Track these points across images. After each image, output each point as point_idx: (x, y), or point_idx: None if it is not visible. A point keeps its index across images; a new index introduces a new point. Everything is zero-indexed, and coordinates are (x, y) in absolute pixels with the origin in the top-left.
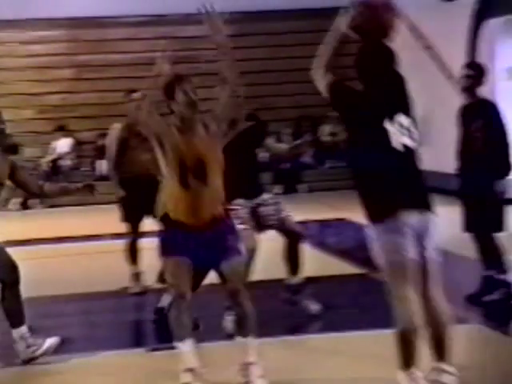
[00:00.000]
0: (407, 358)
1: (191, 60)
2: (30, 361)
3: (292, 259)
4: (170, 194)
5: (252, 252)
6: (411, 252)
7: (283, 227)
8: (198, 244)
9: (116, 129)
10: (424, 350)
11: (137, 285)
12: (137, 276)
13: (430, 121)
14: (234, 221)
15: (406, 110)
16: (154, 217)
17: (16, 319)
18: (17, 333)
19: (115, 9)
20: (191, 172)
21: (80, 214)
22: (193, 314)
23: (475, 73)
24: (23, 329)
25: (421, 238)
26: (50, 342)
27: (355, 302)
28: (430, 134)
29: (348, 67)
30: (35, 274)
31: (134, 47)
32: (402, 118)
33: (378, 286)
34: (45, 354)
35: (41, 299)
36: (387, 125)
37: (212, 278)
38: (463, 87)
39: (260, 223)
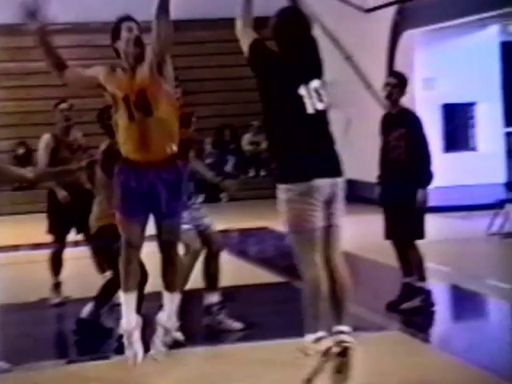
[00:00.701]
0: (313, 321)
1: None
2: None
3: (210, 272)
4: (121, 132)
5: (195, 254)
6: (318, 219)
7: (204, 235)
8: (147, 182)
9: (45, 139)
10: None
11: (57, 296)
12: (57, 287)
13: (351, 130)
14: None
15: (320, 74)
16: (79, 232)
17: None
18: None
19: None
20: (135, 104)
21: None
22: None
23: (397, 82)
24: None
25: (329, 203)
26: None
27: (277, 311)
28: (351, 143)
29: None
30: None
31: None
32: (314, 82)
33: (300, 294)
34: None
35: None
36: (302, 90)
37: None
38: (386, 96)
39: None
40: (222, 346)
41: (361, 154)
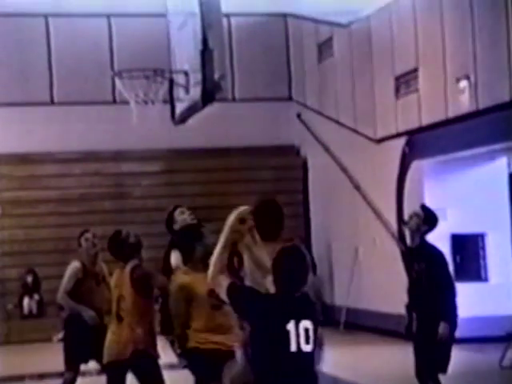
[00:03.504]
0: None
1: (122, 196)
2: None
3: None
4: None
5: None
6: None
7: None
8: None
9: (74, 266)
10: None
11: None
12: None
13: (359, 259)
14: None
15: (311, 314)
16: (99, 361)
17: None
18: None
19: (45, 145)
20: None
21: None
22: None
23: (424, 218)
24: None
25: None
26: None
27: None
28: (361, 273)
29: None
30: None
31: (63, 183)
32: (304, 322)
33: None
34: None
35: None
36: (290, 327)
37: None
38: (409, 227)
39: None
40: None
41: (372, 283)
